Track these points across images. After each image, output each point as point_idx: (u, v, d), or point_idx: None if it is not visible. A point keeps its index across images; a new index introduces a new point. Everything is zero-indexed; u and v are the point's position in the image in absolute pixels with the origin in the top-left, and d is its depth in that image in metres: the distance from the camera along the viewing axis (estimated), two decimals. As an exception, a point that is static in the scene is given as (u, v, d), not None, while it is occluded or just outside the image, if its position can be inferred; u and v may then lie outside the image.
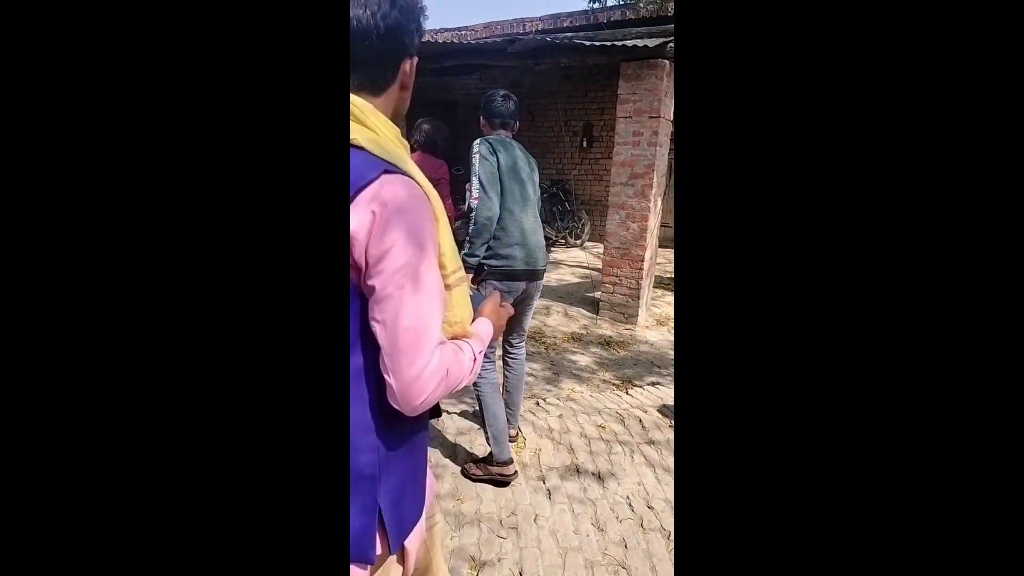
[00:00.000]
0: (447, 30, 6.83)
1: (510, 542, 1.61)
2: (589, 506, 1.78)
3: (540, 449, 2.12)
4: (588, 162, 6.79)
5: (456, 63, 4.10)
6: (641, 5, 5.61)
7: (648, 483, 1.92)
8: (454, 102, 7.47)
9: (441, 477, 1.93)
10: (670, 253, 6.20)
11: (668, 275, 5.21)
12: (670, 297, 4.50)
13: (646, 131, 3.49)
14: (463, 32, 6.70)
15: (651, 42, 3.24)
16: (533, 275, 1.85)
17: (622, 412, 2.46)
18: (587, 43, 3.32)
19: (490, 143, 1.77)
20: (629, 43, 3.25)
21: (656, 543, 1.62)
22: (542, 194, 6.30)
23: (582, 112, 6.69)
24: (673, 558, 1.55)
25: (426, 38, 6.79)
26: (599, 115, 6.56)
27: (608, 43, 3.30)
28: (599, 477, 1.95)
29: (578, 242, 6.51)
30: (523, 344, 2.06)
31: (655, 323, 3.87)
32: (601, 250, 5.85)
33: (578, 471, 1.98)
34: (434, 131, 2.75)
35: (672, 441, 2.20)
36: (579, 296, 4.42)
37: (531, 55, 3.71)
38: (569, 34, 4.50)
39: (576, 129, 6.75)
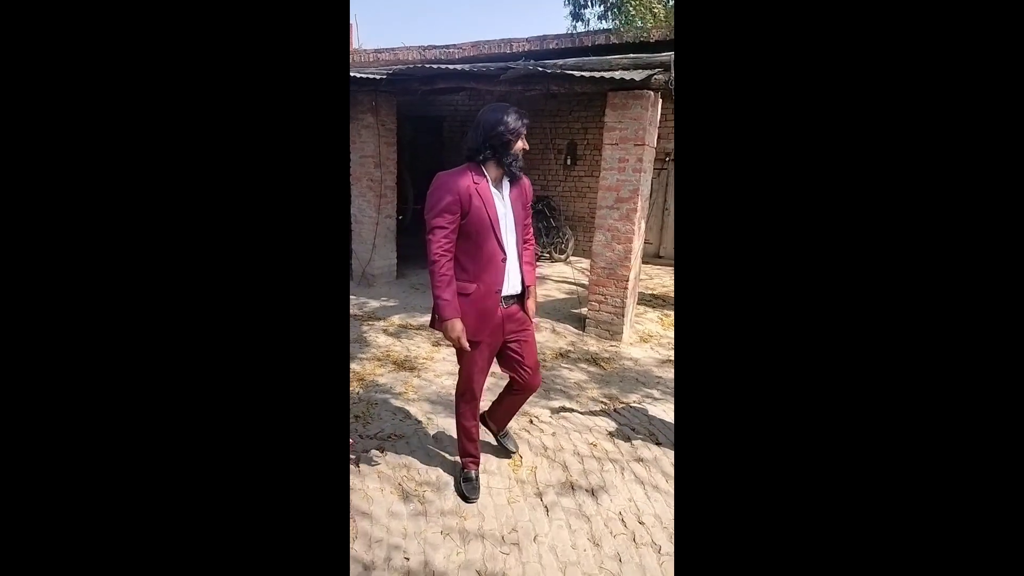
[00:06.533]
0: (436, 47, 6.95)
1: (513, 557, 1.72)
2: (585, 522, 1.90)
3: (536, 467, 2.23)
4: (572, 179, 6.97)
5: (450, 85, 4.22)
6: (625, 32, 5.82)
7: (639, 499, 2.05)
8: (441, 117, 7.59)
9: (443, 494, 2.03)
10: (651, 269, 6.40)
11: (650, 291, 5.39)
12: (653, 314, 4.66)
13: (631, 158, 3.66)
14: (451, 49, 6.83)
15: (638, 75, 3.41)
16: None
17: (611, 430, 2.59)
18: (577, 73, 3.47)
19: None
20: (617, 75, 3.42)
21: (648, 557, 1.75)
22: None
23: (566, 131, 6.88)
24: (662, 571, 1.67)
25: (416, 55, 6.91)
26: (583, 135, 6.76)
27: (597, 74, 3.46)
28: (593, 493, 2.07)
29: (563, 257, 6.67)
30: None
31: (639, 340, 4.03)
32: (585, 264, 6.01)
33: (573, 488, 2.10)
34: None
35: (658, 459, 2.34)
36: (566, 312, 4.55)
37: (522, 81, 3.86)
38: (557, 60, 4.66)
39: (560, 148, 6.93)
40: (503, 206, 1.77)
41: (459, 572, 1.64)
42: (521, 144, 1.73)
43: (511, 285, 1.82)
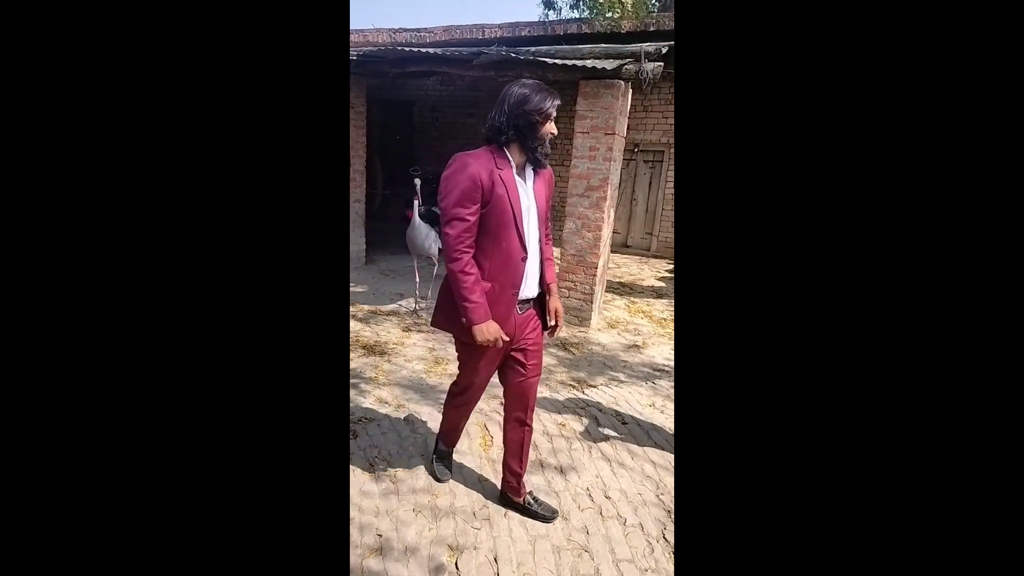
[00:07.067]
0: (406, 30, 6.84)
1: (484, 532, 1.76)
2: (554, 497, 1.96)
3: (506, 446, 2.28)
4: (543, 168, 6.99)
5: (421, 69, 4.17)
6: (596, 22, 5.86)
7: (605, 475, 2.12)
8: (411, 101, 7.48)
9: (414, 473, 2.05)
10: (618, 259, 6.52)
11: (618, 280, 5.50)
12: (620, 301, 4.77)
13: (601, 147, 3.72)
14: (422, 33, 6.73)
15: (609, 64, 3.46)
16: None
17: (580, 412, 2.66)
18: (549, 61, 3.49)
19: None
20: (589, 63, 3.46)
21: (614, 529, 1.82)
22: None
23: (538, 119, 6.89)
24: (627, 542, 1.75)
25: (386, 38, 6.78)
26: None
27: (569, 62, 3.49)
28: (561, 471, 2.13)
29: (532, 245, 6.72)
30: None
31: (606, 326, 4.12)
32: (556, 254, 6.08)
33: (543, 465, 2.16)
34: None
35: (623, 438, 2.42)
36: (535, 299, 4.60)
37: (495, 67, 3.86)
38: (530, 47, 4.66)
39: (532, 135, 6.94)
40: (527, 198, 1.54)
41: (430, 547, 1.68)
42: (550, 127, 1.48)
43: (529, 287, 1.59)
